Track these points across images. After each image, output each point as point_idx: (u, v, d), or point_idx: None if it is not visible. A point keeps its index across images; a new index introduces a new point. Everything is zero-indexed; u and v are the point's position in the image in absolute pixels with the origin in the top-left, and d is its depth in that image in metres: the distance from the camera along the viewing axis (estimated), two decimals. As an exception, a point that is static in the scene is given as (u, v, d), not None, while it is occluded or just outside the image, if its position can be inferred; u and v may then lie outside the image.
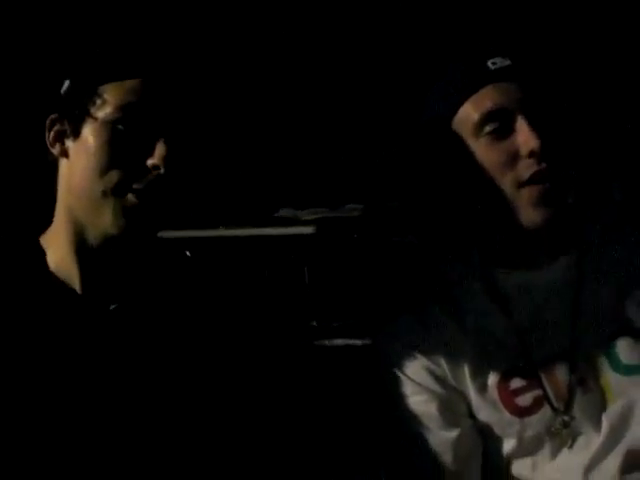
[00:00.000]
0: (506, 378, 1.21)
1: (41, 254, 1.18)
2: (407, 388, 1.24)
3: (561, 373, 1.19)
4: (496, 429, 1.22)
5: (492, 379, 1.21)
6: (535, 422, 1.19)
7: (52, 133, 1.16)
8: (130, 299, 1.16)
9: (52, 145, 1.17)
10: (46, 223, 1.21)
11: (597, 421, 1.18)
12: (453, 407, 1.23)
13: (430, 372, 1.23)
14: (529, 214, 1.17)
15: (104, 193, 1.10)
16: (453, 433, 1.21)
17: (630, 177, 1.85)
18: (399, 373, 1.24)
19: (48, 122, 1.17)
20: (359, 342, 1.83)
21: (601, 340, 1.19)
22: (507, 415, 1.20)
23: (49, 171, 1.19)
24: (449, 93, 1.23)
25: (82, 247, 1.15)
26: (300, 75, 2.20)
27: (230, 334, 1.17)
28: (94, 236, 1.14)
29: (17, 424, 1.09)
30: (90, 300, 1.15)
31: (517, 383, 1.20)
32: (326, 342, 1.93)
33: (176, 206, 1.15)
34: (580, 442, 1.18)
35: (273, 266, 2.05)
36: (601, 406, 1.18)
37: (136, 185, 1.10)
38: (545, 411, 1.19)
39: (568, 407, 1.19)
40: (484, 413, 1.22)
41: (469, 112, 1.20)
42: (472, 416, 1.23)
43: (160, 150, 1.10)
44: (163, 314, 1.16)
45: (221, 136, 1.34)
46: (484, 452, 1.23)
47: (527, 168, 1.16)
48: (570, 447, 1.19)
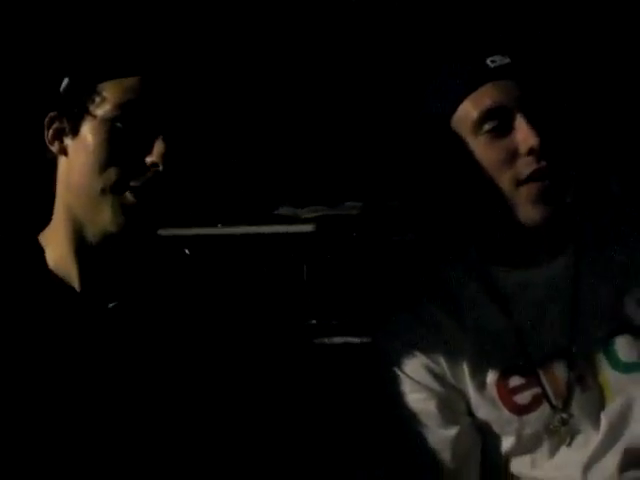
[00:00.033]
0: (505, 376, 1.21)
1: (40, 252, 1.18)
2: (406, 386, 1.24)
3: (560, 371, 1.20)
4: (495, 427, 1.22)
5: (491, 377, 1.21)
6: (534, 420, 1.19)
7: (51, 131, 1.17)
8: (129, 297, 1.16)
9: (51, 143, 1.17)
10: (45, 221, 1.21)
11: (596, 419, 1.18)
12: (452, 405, 1.23)
13: (429, 370, 1.23)
14: (528, 212, 1.17)
15: (103, 191, 1.10)
16: (452, 431, 1.21)
17: (628, 174, 1.85)
18: (398, 371, 1.24)
19: (47, 120, 1.17)
20: (358, 340, 1.83)
21: (600, 338, 1.19)
22: (506, 413, 1.20)
23: (48, 169, 1.19)
24: (448, 91, 1.22)
25: (81, 245, 1.15)
26: (299, 73, 2.19)
27: (229, 332, 1.17)
28: (93, 234, 1.14)
29: (15, 422, 1.09)
30: (89, 298, 1.15)
31: (516, 381, 1.21)
32: (325, 340, 1.93)
33: (175, 204, 1.15)
34: (579, 440, 1.18)
35: (272, 264, 2.05)
36: (600, 404, 1.18)
37: (134, 182, 1.10)
38: (544, 409, 1.19)
39: (567, 405, 1.19)
40: (483, 411, 1.22)
41: (468, 110, 1.20)
42: (471, 414, 1.23)
43: (159, 148, 1.10)
44: (162, 312, 1.16)
45: (220, 134, 1.34)
46: (483, 450, 1.24)
47: (526, 166, 1.16)
48: (569, 445, 1.19)
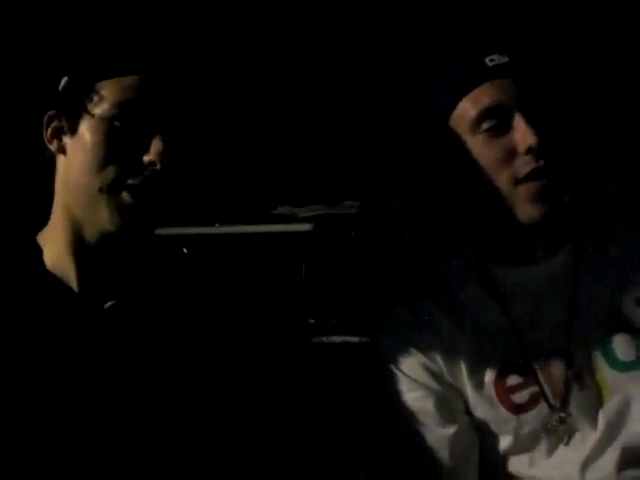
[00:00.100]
0: (503, 375, 1.21)
1: (38, 252, 1.18)
2: (404, 385, 1.24)
3: (557, 369, 1.20)
4: (493, 426, 1.22)
5: (489, 376, 1.21)
6: (531, 419, 1.20)
7: (50, 130, 1.17)
8: (127, 297, 1.16)
9: (50, 142, 1.17)
10: (43, 221, 1.21)
11: (593, 418, 1.18)
12: (450, 404, 1.23)
13: (427, 369, 1.24)
14: (526, 210, 1.17)
15: (100, 189, 1.10)
16: (450, 430, 1.22)
17: (626, 173, 1.85)
18: (396, 370, 1.25)
19: (46, 119, 1.17)
20: (356, 339, 1.83)
21: (598, 337, 1.20)
22: (503, 412, 1.20)
23: (47, 169, 1.19)
24: (447, 90, 1.23)
25: (79, 245, 1.15)
26: (297, 72, 2.19)
27: (227, 331, 1.17)
28: (91, 233, 1.14)
29: (13, 422, 1.09)
30: (86, 298, 1.15)
31: (514, 380, 1.21)
32: (323, 339, 1.93)
33: (173, 203, 1.15)
34: (576, 438, 1.18)
35: (270, 263, 2.05)
36: (597, 403, 1.18)
37: (132, 181, 1.09)
38: (541, 408, 1.19)
39: (564, 404, 1.19)
40: (481, 410, 1.22)
41: (467, 109, 1.20)
42: (469, 413, 1.23)
43: (156, 146, 1.10)
44: (160, 312, 1.16)
45: (218, 133, 1.34)
46: (481, 449, 1.24)
47: (524, 165, 1.16)
48: (566, 443, 1.19)
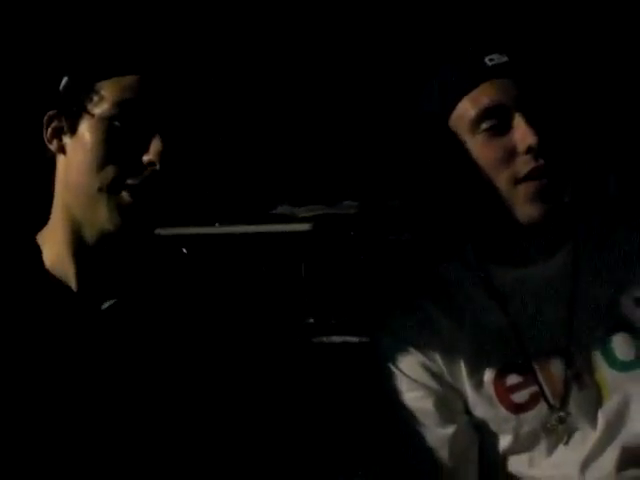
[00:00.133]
0: (502, 374, 1.21)
1: (37, 252, 1.18)
2: (403, 385, 1.24)
3: (557, 369, 1.20)
4: (492, 425, 1.22)
5: (488, 375, 1.21)
6: (531, 418, 1.20)
7: (50, 129, 1.17)
8: (126, 297, 1.15)
9: (50, 141, 1.17)
10: (43, 221, 1.21)
11: (593, 417, 1.18)
12: (449, 404, 1.23)
13: (426, 369, 1.24)
14: (526, 210, 1.17)
15: (100, 189, 1.09)
16: (449, 430, 1.22)
17: (626, 173, 1.85)
18: (395, 370, 1.25)
19: (46, 118, 1.17)
20: (356, 339, 1.84)
21: (597, 336, 1.20)
22: (503, 411, 1.20)
23: (47, 169, 1.19)
24: (446, 90, 1.22)
25: (78, 245, 1.15)
26: (297, 72, 2.19)
27: (227, 331, 1.17)
28: (90, 233, 1.14)
29: (12, 422, 1.09)
30: (86, 298, 1.15)
31: (513, 379, 1.21)
32: (323, 339, 1.93)
33: (172, 202, 1.15)
34: (576, 438, 1.19)
35: (270, 263, 2.05)
36: (597, 402, 1.18)
37: (131, 181, 1.09)
38: (541, 407, 1.19)
39: (564, 403, 1.19)
40: (480, 409, 1.22)
41: (466, 108, 1.20)
42: (468, 413, 1.23)
43: (156, 146, 1.10)
44: (160, 312, 1.16)
45: (218, 133, 1.34)
46: (480, 448, 1.24)
47: (524, 164, 1.16)
48: (566, 443, 1.19)
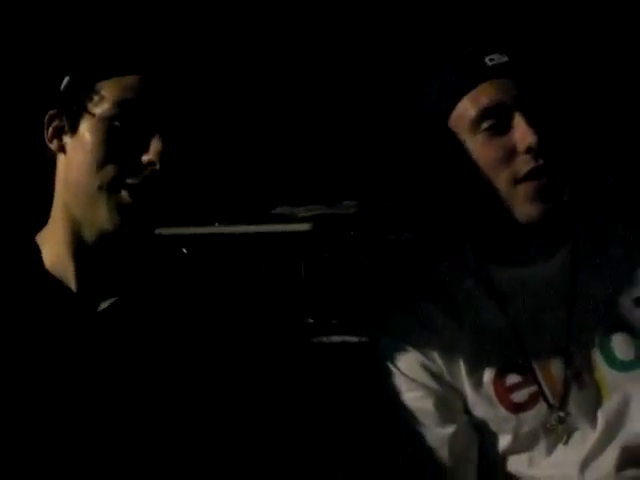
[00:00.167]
0: (502, 374, 1.21)
1: (36, 252, 1.18)
2: (403, 385, 1.24)
3: (556, 369, 1.20)
4: (492, 425, 1.22)
5: (488, 375, 1.21)
6: (530, 418, 1.20)
7: (50, 129, 1.17)
8: (126, 297, 1.15)
9: (50, 141, 1.17)
10: (43, 221, 1.21)
11: (592, 417, 1.18)
12: (449, 403, 1.23)
13: (426, 368, 1.24)
14: (525, 210, 1.17)
15: (100, 188, 1.10)
16: (449, 429, 1.22)
17: (625, 173, 1.85)
18: (395, 370, 1.25)
19: (47, 118, 1.17)
20: (355, 339, 1.83)
21: (596, 336, 1.20)
22: (503, 411, 1.20)
23: (47, 169, 1.19)
24: (446, 89, 1.23)
25: (78, 245, 1.15)
26: (296, 72, 2.19)
27: (227, 331, 1.17)
28: (90, 233, 1.14)
29: (11, 422, 1.09)
30: (85, 298, 1.15)
31: (513, 379, 1.21)
32: (323, 339, 1.93)
33: (172, 202, 1.15)
34: (576, 438, 1.19)
35: (270, 263, 2.05)
36: (596, 402, 1.18)
37: (131, 180, 1.09)
38: (541, 407, 1.20)
39: (563, 403, 1.19)
40: (480, 409, 1.22)
41: (466, 108, 1.20)
42: (468, 412, 1.23)
43: (156, 146, 1.10)
44: (159, 312, 1.16)
45: (218, 133, 1.34)
46: (480, 448, 1.24)
47: (524, 164, 1.17)
48: (566, 443, 1.19)
